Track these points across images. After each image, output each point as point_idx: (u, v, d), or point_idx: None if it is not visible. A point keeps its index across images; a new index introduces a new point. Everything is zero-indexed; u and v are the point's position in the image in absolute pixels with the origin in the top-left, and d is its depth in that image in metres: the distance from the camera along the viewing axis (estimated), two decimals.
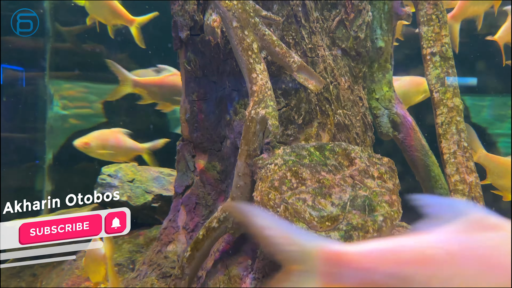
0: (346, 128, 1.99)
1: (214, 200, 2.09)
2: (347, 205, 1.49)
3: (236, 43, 1.68)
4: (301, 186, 1.54)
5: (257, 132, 1.67)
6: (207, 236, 1.75)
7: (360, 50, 2.07)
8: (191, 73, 2.07)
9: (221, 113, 2.05)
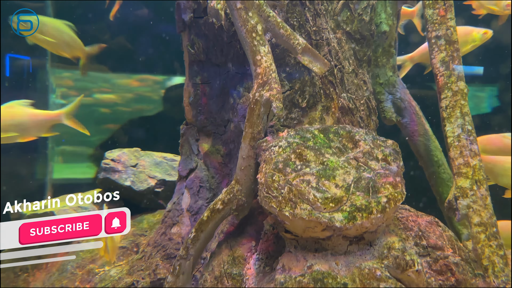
0: (350, 112, 1.99)
1: (218, 183, 2.10)
2: (351, 187, 1.50)
3: (240, 24, 1.67)
4: (305, 168, 1.55)
5: (261, 114, 1.68)
6: (211, 217, 1.77)
7: (365, 33, 2.05)
8: (194, 56, 2.06)
9: (225, 96, 2.05)
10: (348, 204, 1.48)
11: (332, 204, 1.47)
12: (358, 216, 1.44)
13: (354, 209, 1.45)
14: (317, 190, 1.49)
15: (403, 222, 1.74)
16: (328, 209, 1.47)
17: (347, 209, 1.47)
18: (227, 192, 1.76)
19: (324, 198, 1.47)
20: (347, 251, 1.51)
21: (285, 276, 1.51)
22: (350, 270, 1.47)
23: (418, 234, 1.69)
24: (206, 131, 2.14)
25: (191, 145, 2.16)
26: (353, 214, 1.44)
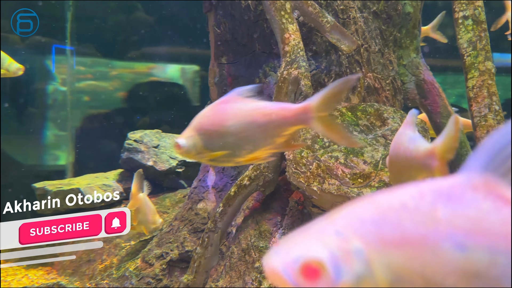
0: (375, 91, 2.00)
1: None
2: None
3: (269, 3, 1.69)
4: (333, 145, 1.58)
5: (289, 92, 1.70)
6: (238, 193, 1.82)
7: (391, 13, 2.04)
8: (220, 36, 2.08)
9: (250, 75, 2.07)
10: (376, 180, 1.51)
11: (361, 179, 1.50)
12: None
13: (383, 185, 1.49)
14: (345, 166, 1.53)
15: None
16: (357, 184, 1.50)
17: (376, 184, 1.50)
18: (254, 169, 1.81)
19: (352, 173, 1.51)
20: None
21: None
22: None
23: None
24: None
25: None
26: (382, 189, 1.47)
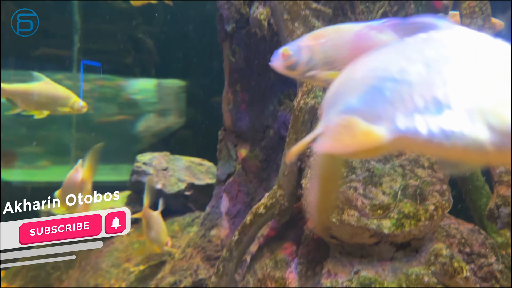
0: None
1: (256, 187, 2.14)
2: (398, 194, 1.53)
3: (286, 34, 1.72)
4: (352, 175, 1.58)
5: (305, 121, 1.72)
6: (254, 221, 1.81)
7: None
8: (235, 64, 2.11)
9: (264, 103, 2.09)
10: (395, 211, 1.50)
11: (380, 211, 1.50)
12: (406, 223, 1.47)
13: (402, 216, 1.48)
14: (364, 197, 1.52)
15: (445, 229, 1.75)
16: (376, 215, 1.50)
17: (395, 216, 1.49)
18: (270, 197, 1.80)
19: (372, 204, 1.50)
20: (393, 257, 1.54)
21: (331, 281, 1.54)
22: (396, 276, 1.49)
23: (461, 241, 1.70)
24: (244, 137, 2.19)
25: (230, 150, 2.21)
26: (401, 221, 1.47)
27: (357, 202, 1.51)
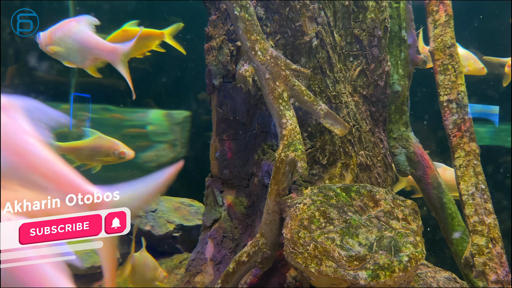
0: (368, 168, 2.11)
1: (241, 233, 2.19)
2: (373, 245, 1.59)
3: (268, 92, 1.84)
4: (329, 226, 1.65)
5: (286, 172, 1.80)
6: (237, 269, 1.85)
7: (380, 97, 2.22)
8: (222, 115, 2.23)
9: (249, 152, 2.19)
10: (371, 262, 1.56)
11: (356, 262, 1.56)
12: (382, 274, 1.52)
13: (378, 268, 1.54)
14: (341, 248, 1.58)
15: (422, 278, 1.80)
16: (353, 267, 1.55)
17: (371, 267, 1.55)
18: (253, 245, 1.86)
19: (348, 256, 1.56)
20: None
21: None
22: None
23: None
24: (230, 183, 2.27)
25: (216, 196, 2.28)
26: (377, 272, 1.52)
27: (334, 253, 1.57)
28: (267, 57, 1.83)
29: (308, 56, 1.99)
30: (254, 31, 1.85)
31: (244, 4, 1.86)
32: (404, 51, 2.60)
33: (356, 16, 2.15)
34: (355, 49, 2.16)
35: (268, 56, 1.83)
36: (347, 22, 2.15)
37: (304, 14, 1.97)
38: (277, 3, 1.98)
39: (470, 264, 1.86)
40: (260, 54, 1.84)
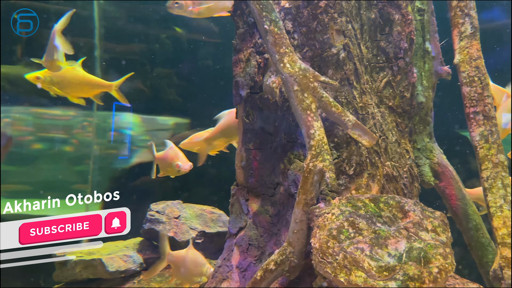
0: (394, 179, 2.12)
1: (266, 242, 2.22)
2: (403, 256, 1.61)
3: (296, 103, 1.88)
4: (359, 236, 1.67)
5: (314, 183, 1.84)
6: (264, 277, 1.88)
7: (406, 108, 2.23)
8: (248, 125, 2.28)
9: (275, 161, 2.23)
10: (401, 273, 1.57)
11: (386, 272, 1.57)
12: (411, 285, 1.53)
13: (407, 278, 1.55)
14: (371, 258, 1.60)
15: None
16: (382, 277, 1.57)
17: (400, 278, 1.56)
18: (280, 254, 1.88)
19: (378, 266, 1.58)
20: None
21: None
22: None
23: None
24: (255, 192, 2.30)
25: (241, 204, 2.32)
26: (406, 283, 1.54)
27: (364, 263, 1.59)
28: (295, 69, 1.87)
29: (336, 68, 2.03)
30: (283, 44, 1.90)
31: (274, 18, 1.92)
32: (428, 63, 2.62)
33: (383, 28, 2.18)
34: (381, 61, 2.19)
35: (297, 68, 1.87)
36: (373, 35, 2.18)
37: (332, 27, 2.01)
38: (305, 17, 2.03)
39: (499, 277, 1.85)
40: (289, 67, 1.88)
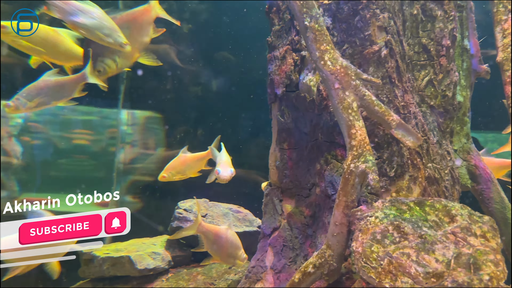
0: (435, 182, 2.05)
1: (301, 243, 2.18)
2: (451, 262, 1.54)
3: (337, 102, 1.83)
4: (404, 241, 1.61)
5: (355, 184, 1.78)
6: (302, 280, 1.84)
7: (448, 108, 2.16)
8: (283, 124, 2.24)
9: (310, 162, 2.18)
10: (449, 279, 1.51)
11: (434, 279, 1.51)
12: None
13: (456, 286, 1.49)
14: (417, 264, 1.55)
15: None
16: (430, 284, 1.51)
17: (449, 285, 1.50)
18: (319, 256, 1.84)
19: (425, 272, 1.52)
20: None
21: None
22: None
23: None
24: (290, 192, 2.26)
25: (275, 205, 2.28)
26: None
27: (410, 269, 1.53)
28: (337, 66, 1.82)
29: (377, 65, 1.97)
30: (323, 41, 1.85)
31: (314, 15, 1.86)
32: (466, 61, 2.52)
33: (424, 25, 2.11)
34: (422, 59, 2.12)
35: (338, 66, 1.82)
36: (415, 31, 2.11)
37: (374, 23, 1.95)
38: (346, 13, 1.97)
39: None
40: (330, 64, 1.83)
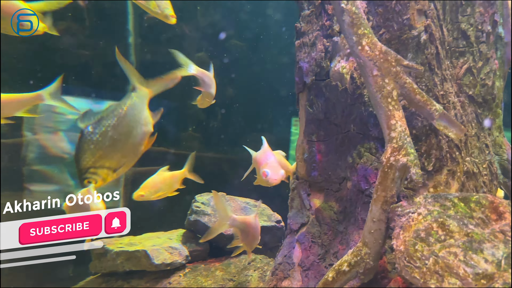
0: (474, 176, 1.94)
1: (331, 240, 2.09)
2: (501, 263, 1.44)
3: (375, 90, 1.72)
4: (450, 239, 1.51)
5: (395, 179, 1.68)
6: (337, 279, 1.75)
7: (487, 97, 2.04)
8: (312, 115, 2.13)
9: (341, 155, 2.08)
10: (500, 281, 1.42)
11: (484, 280, 1.42)
12: None
13: None
14: (466, 264, 1.45)
15: None
16: (480, 285, 1.41)
17: (500, 287, 1.40)
18: (354, 254, 1.75)
19: (475, 273, 1.42)
20: None
21: None
22: None
23: None
24: (318, 187, 2.17)
25: (303, 199, 2.19)
26: None
27: (458, 270, 1.44)
28: (375, 52, 1.70)
29: (416, 51, 1.85)
30: (361, 25, 1.73)
31: None
32: (500, 49, 2.40)
33: (464, 9, 1.98)
34: (461, 45, 1.99)
35: (377, 51, 1.70)
36: (454, 16, 1.98)
37: (413, 7, 1.83)
38: None
39: None
40: (368, 49, 1.71)
